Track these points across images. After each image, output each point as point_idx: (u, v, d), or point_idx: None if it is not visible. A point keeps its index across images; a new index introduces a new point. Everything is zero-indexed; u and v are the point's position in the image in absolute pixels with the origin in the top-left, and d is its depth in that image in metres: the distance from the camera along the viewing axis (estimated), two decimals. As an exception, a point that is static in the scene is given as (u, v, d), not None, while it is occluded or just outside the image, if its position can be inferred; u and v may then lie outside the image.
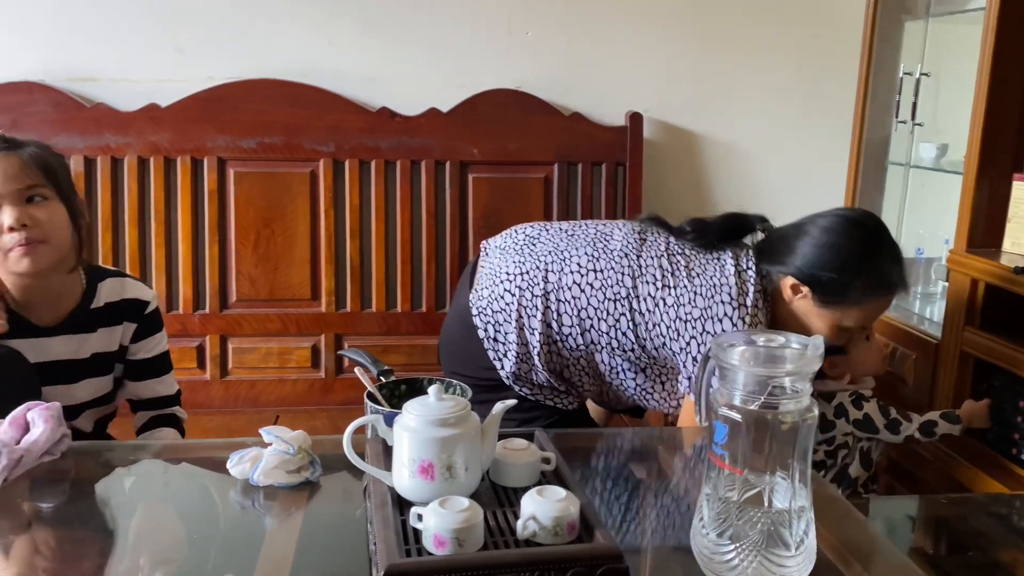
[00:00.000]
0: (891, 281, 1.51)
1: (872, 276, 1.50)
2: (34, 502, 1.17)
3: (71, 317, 1.46)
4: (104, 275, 1.51)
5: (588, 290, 1.57)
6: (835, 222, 1.52)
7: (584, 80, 2.36)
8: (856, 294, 1.50)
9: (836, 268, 1.49)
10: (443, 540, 0.88)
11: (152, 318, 1.55)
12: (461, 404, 1.01)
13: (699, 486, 1.18)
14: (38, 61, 2.19)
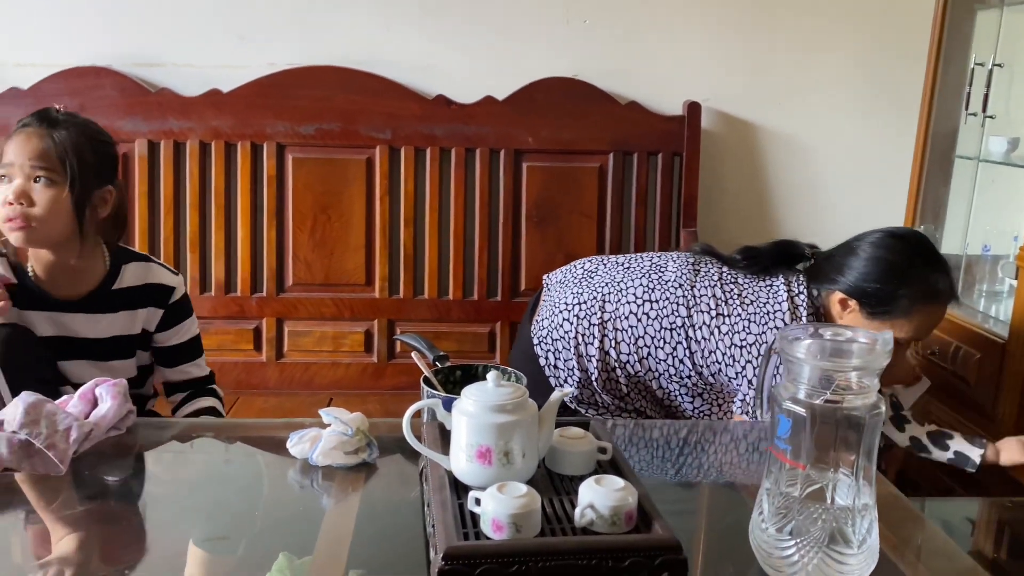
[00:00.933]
0: (937, 289, 1.50)
1: (917, 285, 1.50)
2: (100, 475, 1.21)
3: (91, 296, 1.48)
4: (130, 258, 1.54)
5: (644, 320, 1.62)
6: (880, 238, 1.54)
7: (641, 68, 2.33)
8: (903, 303, 1.49)
9: (880, 279, 1.50)
10: (501, 525, 0.89)
11: (180, 305, 1.56)
12: (519, 391, 1.01)
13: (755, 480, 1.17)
14: (106, 47, 2.24)
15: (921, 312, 1.51)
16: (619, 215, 2.31)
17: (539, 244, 2.30)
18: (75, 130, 1.41)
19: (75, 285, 1.47)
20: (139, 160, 2.21)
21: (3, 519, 1.11)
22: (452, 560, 0.84)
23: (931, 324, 1.55)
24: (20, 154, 1.38)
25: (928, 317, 1.53)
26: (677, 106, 2.32)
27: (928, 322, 1.54)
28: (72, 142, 1.40)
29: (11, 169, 1.38)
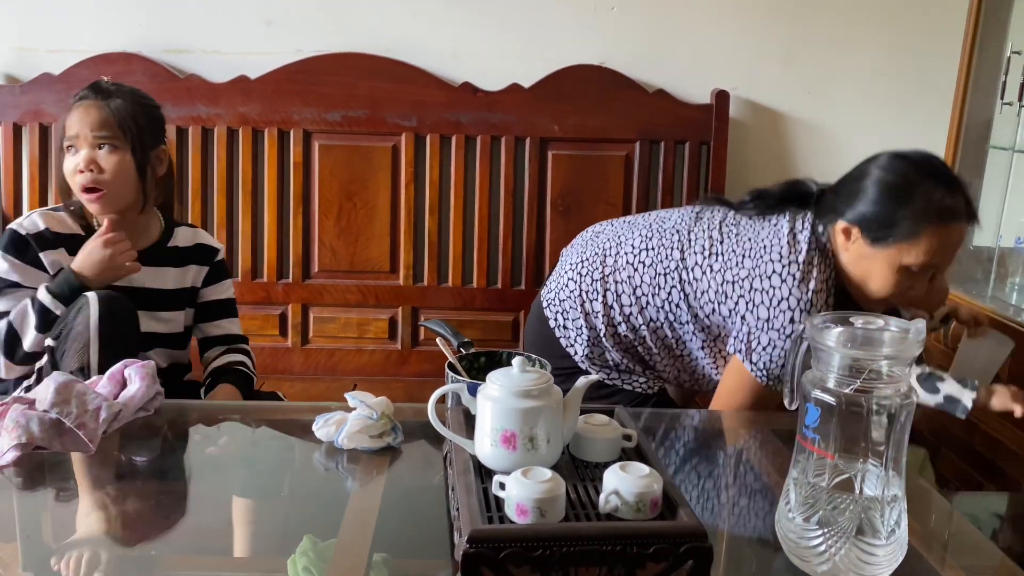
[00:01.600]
0: (944, 207, 1.37)
1: (920, 204, 1.37)
2: (129, 455, 1.23)
3: (151, 251, 1.61)
4: (179, 223, 1.70)
5: (640, 268, 1.59)
6: (884, 161, 1.43)
7: (669, 56, 2.31)
8: (906, 225, 1.37)
9: (880, 200, 1.39)
10: (525, 509, 0.89)
11: (221, 265, 1.72)
12: (544, 377, 1.01)
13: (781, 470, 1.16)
14: (136, 33, 2.26)
15: (930, 233, 1.37)
16: (645, 204, 2.29)
17: (564, 233, 2.28)
18: (127, 98, 1.56)
19: (136, 241, 1.57)
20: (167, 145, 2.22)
21: (34, 496, 1.13)
22: (477, 543, 0.84)
23: (945, 247, 1.40)
24: (83, 125, 1.50)
25: (939, 238, 1.38)
26: (705, 94, 2.30)
27: (941, 245, 1.38)
28: (128, 109, 1.54)
29: (76, 140, 1.51)
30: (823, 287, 1.43)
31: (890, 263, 1.40)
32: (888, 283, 1.41)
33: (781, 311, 1.43)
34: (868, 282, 1.43)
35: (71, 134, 1.51)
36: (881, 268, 1.41)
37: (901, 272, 1.40)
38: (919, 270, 1.40)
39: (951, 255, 1.42)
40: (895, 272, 1.40)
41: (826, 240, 1.47)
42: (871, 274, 1.43)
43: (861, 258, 1.43)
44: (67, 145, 1.51)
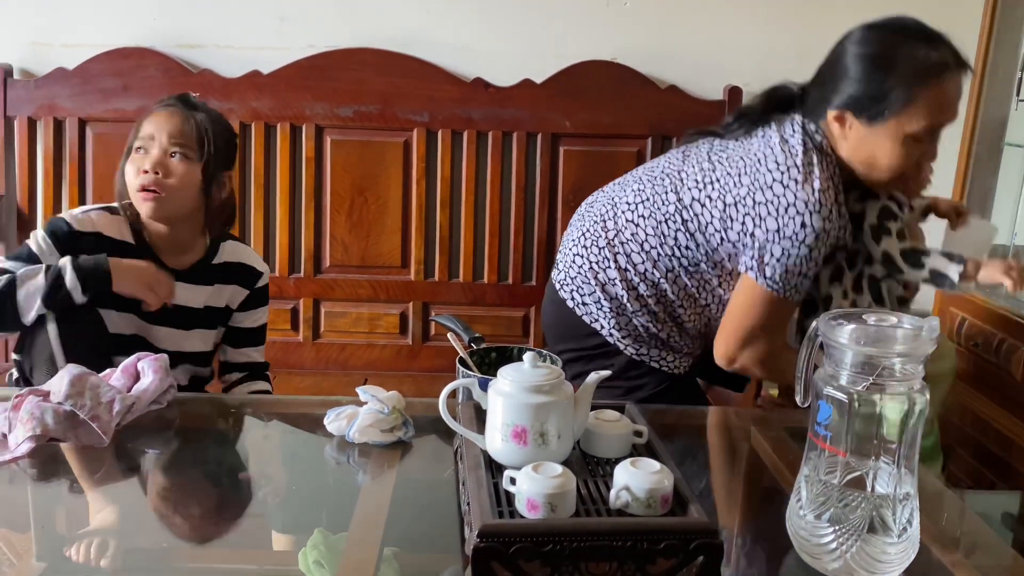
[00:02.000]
0: (931, 64, 1.32)
1: (906, 67, 1.32)
2: (141, 447, 1.24)
3: (194, 268, 1.56)
4: (227, 236, 1.63)
5: (641, 222, 1.54)
6: (858, 36, 1.38)
7: (682, 52, 2.30)
8: (899, 93, 1.32)
9: (864, 76, 1.34)
10: (536, 504, 0.89)
11: (262, 291, 1.65)
12: (555, 372, 1.01)
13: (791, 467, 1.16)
14: (150, 28, 2.26)
15: (924, 95, 1.32)
16: (656, 200, 2.28)
17: (575, 229, 2.29)
18: (211, 116, 1.53)
19: (180, 257, 1.55)
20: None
21: (47, 488, 1.14)
22: (487, 537, 0.84)
23: (944, 104, 1.34)
24: (160, 130, 1.47)
25: (935, 97, 1.33)
26: (718, 91, 2.29)
27: (939, 103, 1.33)
28: (209, 125, 1.51)
29: (150, 142, 1.47)
30: (828, 185, 1.37)
31: (893, 137, 1.35)
32: (897, 158, 1.35)
33: (790, 217, 1.37)
34: (877, 163, 1.38)
35: (145, 134, 1.48)
36: (885, 145, 1.36)
37: (907, 143, 1.34)
38: (925, 135, 1.34)
39: (953, 110, 1.36)
40: (901, 144, 1.34)
41: (821, 137, 1.42)
42: (877, 154, 1.37)
43: (862, 142, 1.37)
44: (138, 146, 1.47)
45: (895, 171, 1.37)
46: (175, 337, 1.54)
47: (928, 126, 1.33)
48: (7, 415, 1.16)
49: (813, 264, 1.39)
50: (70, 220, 1.48)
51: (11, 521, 1.07)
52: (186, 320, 1.55)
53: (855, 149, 1.39)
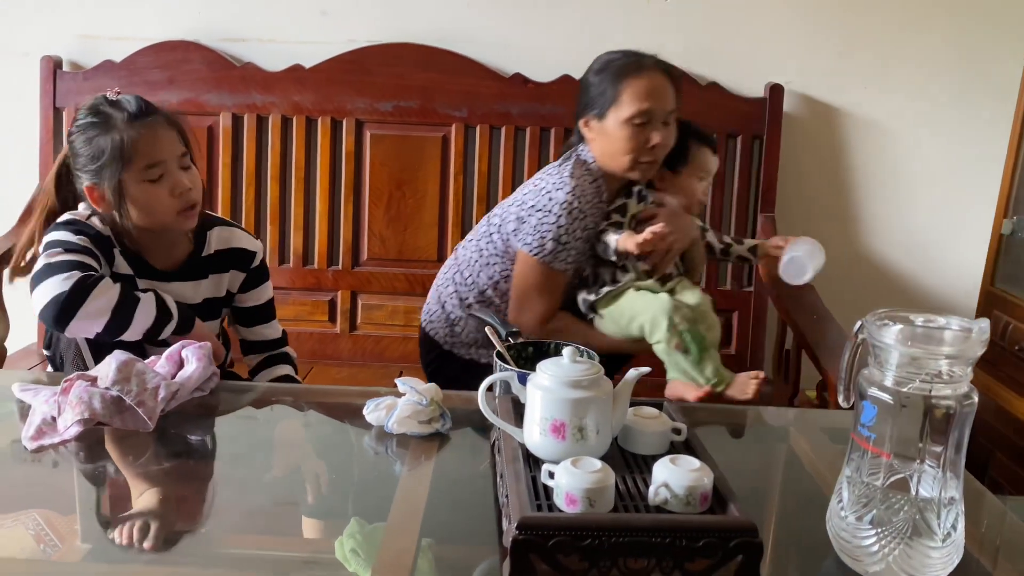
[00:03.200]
0: (629, 63, 1.68)
1: (612, 70, 1.68)
2: (184, 434, 1.26)
3: (185, 264, 1.54)
4: (212, 223, 1.59)
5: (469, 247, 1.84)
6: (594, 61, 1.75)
7: (723, 49, 2.28)
8: (610, 89, 1.67)
9: (590, 86, 1.71)
10: (574, 499, 0.89)
11: (259, 270, 1.63)
12: (595, 368, 1.01)
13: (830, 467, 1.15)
14: (195, 21, 2.30)
15: (627, 87, 1.66)
16: (695, 198, 2.27)
17: (612, 225, 2.28)
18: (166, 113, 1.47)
19: (169, 255, 1.53)
20: (223, 133, 2.27)
21: (92, 470, 1.17)
22: (526, 530, 0.84)
23: (648, 92, 1.66)
24: (163, 150, 1.43)
25: (636, 87, 1.66)
26: (758, 88, 2.27)
27: (642, 91, 1.66)
28: (180, 124, 1.48)
29: (164, 166, 1.43)
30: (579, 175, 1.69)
31: (616, 123, 1.67)
32: (624, 141, 1.67)
33: (543, 194, 1.69)
34: (614, 150, 1.69)
35: (157, 160, 1.42)
36: (614, 131, 1.68)
37: (628, 126, 1.66)
38: (640, 118, 1.65)
39: (658, 98, 1.67)
40: (623, 128, 1.66)
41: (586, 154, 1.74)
42: (611, 141, 1.69)
43: (600, 134, 1.70)
44: (159, 175, 1.42)
45: (627, 152, 1.67)
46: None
47: (638, 111, 1.65)
48: (57, 398, 1.18)
49: (565, 233, 1.67)
50: (87, 221, 1.47)
51: (56, 503, 1.09)
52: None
53: (599, 143, 1.71)
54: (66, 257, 1.38)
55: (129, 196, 1.43)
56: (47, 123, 2.27)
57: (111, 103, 1.43)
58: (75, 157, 1.46)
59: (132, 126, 1.41)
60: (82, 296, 1.33)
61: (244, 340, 1.67)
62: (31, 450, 1.14)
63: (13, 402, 1.27)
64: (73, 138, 1.46)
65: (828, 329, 1.81)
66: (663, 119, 1.68)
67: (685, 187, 1.80)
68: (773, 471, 1.25)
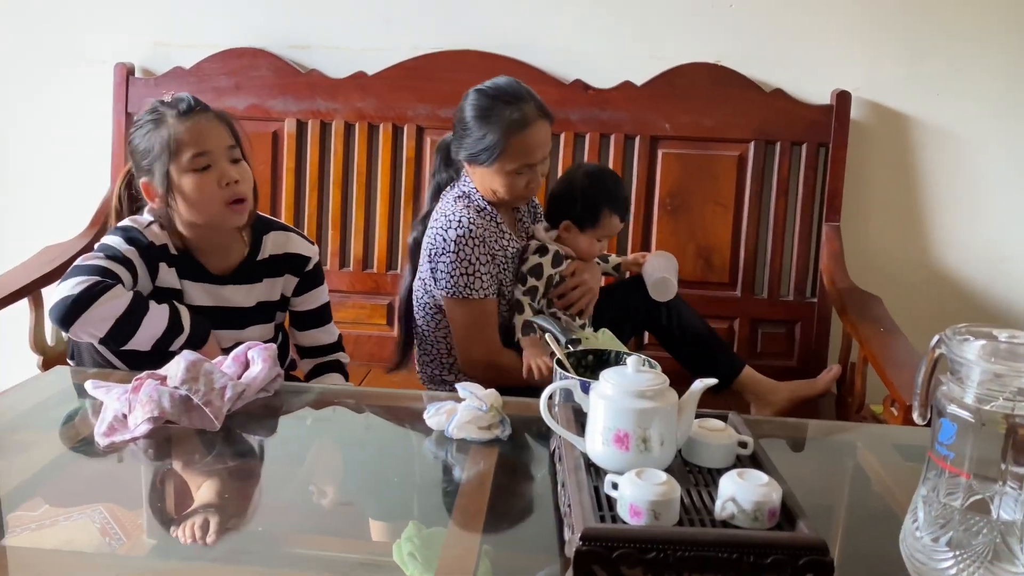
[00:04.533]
0: (514, 119, 1.70)
1: (499, 124, 1.70)
2: (249, 433, 1.28)
3: (240, 268, 1.56)
4: (269, 227, 1.61)
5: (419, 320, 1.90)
6: (469, 96, 1.78)
7: (789, 55, 2.24)
8: (498, 142, 1.70)
9: (476, 133, 1.73)
10: (639, 511, 0.88)
11: (313, 274, 1.64)
12: (660, 378, 1.00)
13: (901, 486, 1.11)
14: (262, 28, 2.35)
15: (513, 143, 1.70)
16: (757, 206, 2.23)
17: (671, 233, 2.26)
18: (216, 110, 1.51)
19: (224, 259, 1.56)
20: (288, 138, 2.31)
21: (159, 468, 1.19)
22: (590, 541, 0.83)
23: (529, 147, 1.72)
24: (210, 140, 1.45)
25: (521, 143, 1.71)
26: (825, 95, 2.22)
27: (524, 147, 1.71)
28: (231, 121, 1.51)
29: (211, 156, 1.45)
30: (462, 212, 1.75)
31: (501, 173, 1.73)
32: (508, 188, 1.74)
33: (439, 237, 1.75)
34: (497, 191, 1.76)
35: (204, 150, 1.44)
36: (498, 179, 1.74)
37: (511, 176, 1.73)
38: (524, 169, 1.73)
39: (541, 151, 1.75)
40: (507, 177, 1.73)
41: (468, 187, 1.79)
42: (495, 185, 1.75)
43: (483, 178, 1.76)
44: (204, 165, 1.44)
45: (509, 195, 1.76)
46: (232, 336, 1.55)
47: (523, 164, 1.72)
48: (127, 396, 1.21)
49: (469, 263, 1.73)
50: (143, 231, 1.49)
51: (124, 498, 1.12)
52: (239, 319, 1.57)
53: (482, 184, 1.78)
54: (97, 262, 1.42)
55: (176, 187, 1.45)
56: (119, 128, 2.34)
57: (165, 104, 1.48)
58: (133, 157, 1.51)
59: (180, 121, 1.45)
60: (89, 301, 1.37)
61: (298, 344, 1.69)
62: (103, 446, 1.17)
63: (87, 398, 1.31)
64: (131, 139, 1.51)
65: (896, 342, 1.76)
66: (541, 161, 1.77)
67: (585, 244, 1.88)
68: (841, 487, 1.22)
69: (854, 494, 1.20)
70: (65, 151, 2.46)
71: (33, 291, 1.96)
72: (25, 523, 1.02)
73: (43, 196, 2.49)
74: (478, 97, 1.75)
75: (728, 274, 2.25)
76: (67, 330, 1.39)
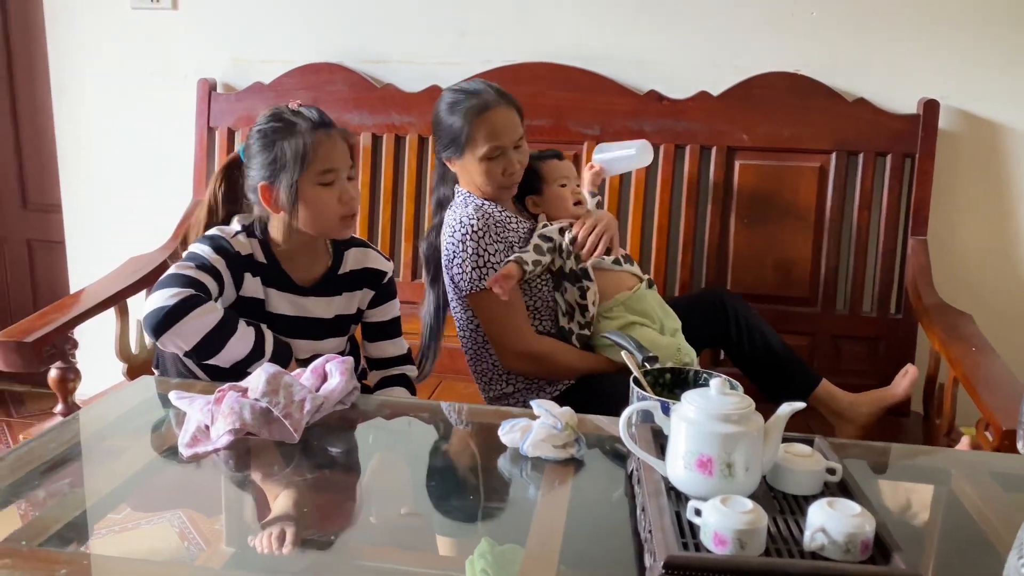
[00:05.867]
0: (472, 105, 1.75)
1: (460, 112, 1.76)
2: (326, 446, 1.29)
3: (322, 280, 1.61)
4: (350, 243, 1.66)
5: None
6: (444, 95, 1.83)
7: (872, 63, 2.17)
8: (463, 131, 1.75)
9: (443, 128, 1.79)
10: (724, 539, 0.85)
11: (387, 287, 1.68)
12: (746, 401, 0.97)
13: (1001, 517, 1.05)
14: (339, 44, 2.39)
15: (478, 126, 1.74)
16: (839, 219, 2.16)
17: (747, 245, 2.21)
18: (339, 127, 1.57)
19: (309, 271, 1.60)
20: (363, 152, 2.34)
21: (239, 478, 1.21)
22: (673, 569, 0.81)
23: (498, 129, 1.75)
24: (339, 159, 1.53)
25: (484, 126, 1.74)
26: (911, 104, 2.14)
27: (493, 128, 1.75)
28: (348, 138, 1.57)
29: (336, 174, 1.52)
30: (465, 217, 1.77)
31: (474, 161, 1.76)
32: (486, 175, 1.77)
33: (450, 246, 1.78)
34: (479, 180, 1.78)
35: (333, 166, 1.51)
36: (475, 169, 1.77)
37: (485, 162, 1.76)
38: (494, 152, 1.75)
39: (508, 133, 1.76)
40: (482, 164, 1.76)
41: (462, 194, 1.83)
42: (473, 176, 1.79)
43: (464, 173, 1.81)
44: (330, 181, 1.51)
45: (492, 184, 1.78)
46: (309, 347, 1.59)
47: (491, 147, 1.75)
48: (210, 407, 1.24)
49: (479, 256, 1.75)
50: (230, 240, 1.53)
51: (204, 506, 1.14)
52: (318, 330, 1.60)
53: (466, 181, 1.82)
54: (189, 273, 1.47)
55: (303, 197, 1.51)
56: (202, 142, 2.40)
57: (293, 112, 1.53)
58: (251, 159, 1.55)
59: (314, 133, 1.51)
60: (182, 313, 1.41)
61: (368, 356, 1.72)
62: (186, 457, 1.20)
63: (170, 408, 1.34)
64: (251, 142, 1.55)
65: (990, 363, 1.67)
66: (514, 146, 1.78)
67: (555, 198, 1.88)
68: (935, 517, 1.16)
69: (949, 525, 1.14)
70: (150, 165, 2.55)
71: (119, 301, 2.03)
72: (110, 525, 1.05)
73: (129, 208, 2.59)
74: (445, 95, 1.82)
75: (808, 288, 2.19)
76: (157, 340, 1.43)
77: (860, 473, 1.23)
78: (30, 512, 1.06)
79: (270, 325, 1.54)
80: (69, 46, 2.54)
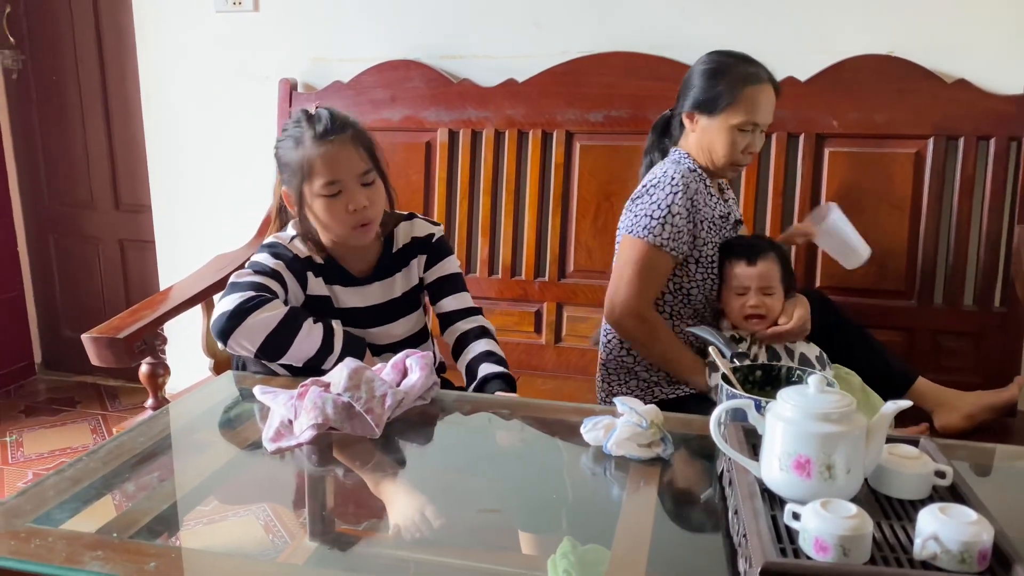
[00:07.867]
0: (749, 73, 1.74)
1: (732, 75, 1.73)
2: (407, 441, 1.28)
3: (379, 265, 1.61)
4: (397, 221, 1.64)
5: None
6: (703, 57, 1.80)
7: (973, 42, 2.04)
8: (726, 94, 1.73)
9: (705, 83, 1.76)
10: (825, 546, 0.80)
11: (439, 245, 1.65)
12: (846, 400, 0.91)
13: None
14: (416, 41, 2.39)
15: (743, 96, 1.72)
16: (937, 206, 2.05)
17: (839, 237, 2.11)
18: (354, 125, 1.52)
19: (364, 260, 1.60)
20: (440, 148, 2.33)
21: (322, 473, 1.21)
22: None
23: (759, 104, 1.73)
24: (343, 169, 1.48)
25: (751, 97, 1.72)
26: (1018, 84, 2.01)
27: (755, 102, 1.73)
28: (367, 139, 1.52)
29: (341, 184, 1.48)
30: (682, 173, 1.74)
31: (725, 126, 1.74)
32: (727, 145, 1.75)
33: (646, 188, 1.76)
34: (714, 149, 1.76)
35: (335, 178, 1.47)
36: (719, 132, 1.75)
37: (733, 132, 1.74)
38: (748, 126, 1.74)
39: (765, 113, 1.75)
40: (730, 133, 1.74)
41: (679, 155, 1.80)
42: (713, 141, 1.76)
43: (704, 131, 1.77)
44: (334, 192, 1.48)
45: (727, 156, 1.76)
46: (386, 333, 1.60)
47: (747, 120, 1.73)
48: (293, 402, 1.24)
49: (670, 207, 1.71)
50: (287, 245, 1.54)
51: (287, 500, 1.15)
52: (390, 314, 1.61)
53: (699, 139, 1.78)
54: (251, 278, 1.48)
55: (311, 209, 1.51)
56: (283, 141, 2.44)
57: (308, 117, 1.51)
58: (278, 163, 1.57)
59: (316, 145, 1.47)
60: (245, 313, 1.42)
61: (438, 314, 1.66)
62: (271, 451, 1.20)
63: (255, 403, 1.35)
64: (276, 148, 1.57)
65: (1109, 360, 1.55)
66: (762, 129, 1.77)
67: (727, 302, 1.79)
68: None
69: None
70: (234, 165, 2.61)
71: (205, 298, 2.08)
72: (198, 518, 1.07)
73: (214, 207, 2.65)
74: (712, 56, 1.79)
75: (904, 281, 2.08)
76: (225, 343, 1.44)
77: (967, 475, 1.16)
78: (124, 503, 1.08)
79: (343, 320, 1.54)
80: (157, 50, 2.62)
